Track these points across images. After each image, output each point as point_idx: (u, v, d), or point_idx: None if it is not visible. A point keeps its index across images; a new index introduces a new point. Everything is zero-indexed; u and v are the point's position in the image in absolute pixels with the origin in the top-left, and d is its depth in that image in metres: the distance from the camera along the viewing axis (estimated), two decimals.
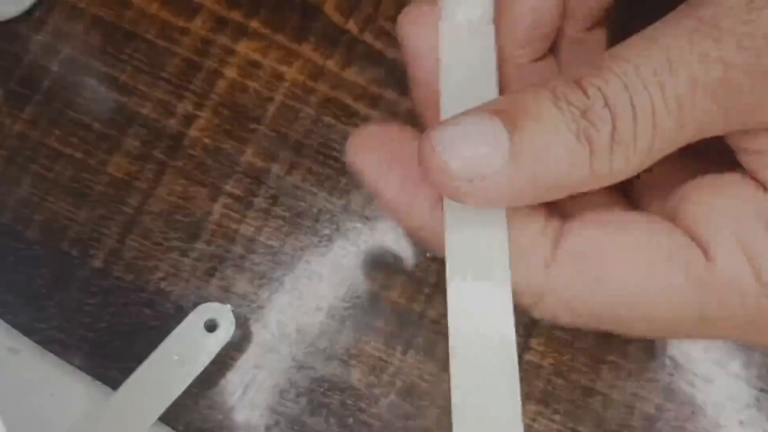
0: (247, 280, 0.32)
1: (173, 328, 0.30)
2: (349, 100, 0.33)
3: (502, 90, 0.20)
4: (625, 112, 0.16)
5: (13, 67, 0.33)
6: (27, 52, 0.34)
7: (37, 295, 0.32)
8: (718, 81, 0.16)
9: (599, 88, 0.16)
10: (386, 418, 0.31)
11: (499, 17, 0.21)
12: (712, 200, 0.18)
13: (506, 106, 0.17)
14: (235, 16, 0.34)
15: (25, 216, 0.32)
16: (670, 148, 0.17)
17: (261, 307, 0.32)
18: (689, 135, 0.17)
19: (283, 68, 0.33)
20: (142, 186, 0.32)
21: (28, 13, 0.34)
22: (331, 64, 0.33)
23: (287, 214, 0.32)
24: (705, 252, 0.18)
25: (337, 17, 0.34)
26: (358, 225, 0.32)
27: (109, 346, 0.31)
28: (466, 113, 0.17)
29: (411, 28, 0.21)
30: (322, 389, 0.31)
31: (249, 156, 0.33)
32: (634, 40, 0.17)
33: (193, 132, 0.33)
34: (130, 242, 0.32)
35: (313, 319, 0.31)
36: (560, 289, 0.18)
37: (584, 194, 0.18)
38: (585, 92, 0.17)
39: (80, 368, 0.31)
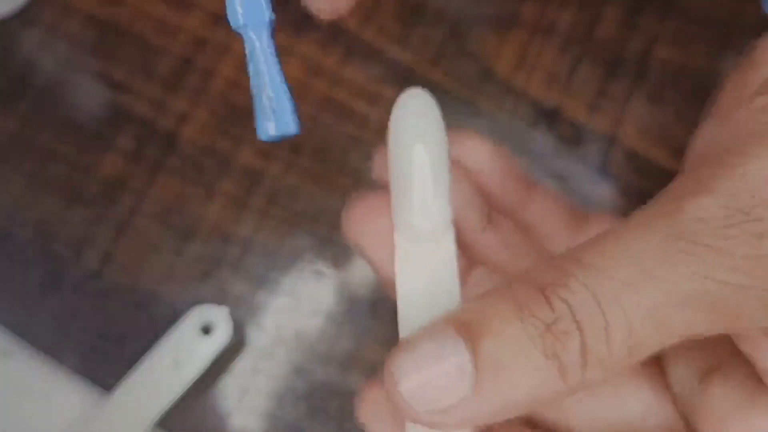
0: (244, 281, 0.32)
1: (168, 330, 0.30)
2: (347, 99, 0.33)
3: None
4: (595, 328, 0.16)
5: (5, 65, 0.33)
6: (20, 49, 0.34)
7: (30, 296, 0.31)
8: (702, 297, 0.15)
9: (566, 301, 0.16)
10: None
11: None
12: None
13: (467, 319, 0.16)
14: None
15: (17, 217, 0.32)
16: (654, 351, 0.16)
17: (258, 310, 0.31)
18: (673, 341, 0.16)
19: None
20: (136, 186, 0.32)
21: (22, 11, 0.34)
22: (329, 62, 0.33)
23: (284, 215, 0.32)
24: None
25: None
26: None
27: (103, 349, 0.31)
28: (424, 333, 0.16)
29: (361, 229, 0.20)
30: (320, 394, 0.31)
31: (245, 155, 0.33)
32: (604, 241, 0.16)
33: (188, 131, 0.33)
34: (124, 243, 0.32)
35: (311, 322, 0.31)
36: None
37: None
38: (550, 304, 0.16)
39: (74, 371, 0.31)
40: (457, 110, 0.32)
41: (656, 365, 0.21)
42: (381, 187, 0.20)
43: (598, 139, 0.32)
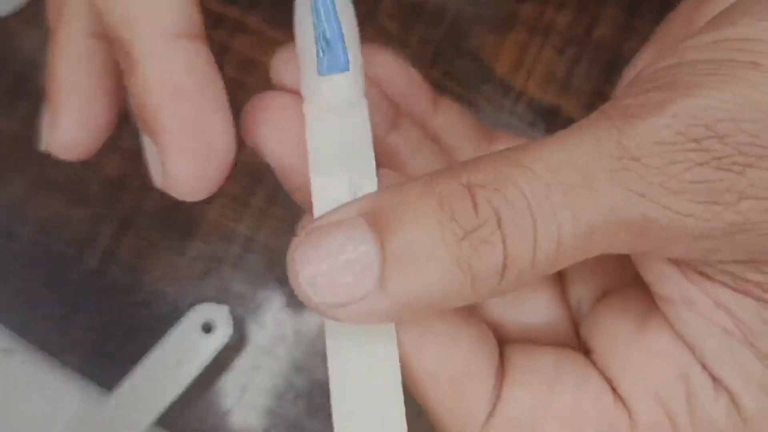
0: (245, 280, 0.32)
1: (169, 328, 0.30)
2: None
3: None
4: (523, 241, 0.15)
5: (6, 64, 0.33)
6: (20, 49, 0.33)
7: (32, 295, 0.31)
8: (640, 218, 0.15)
9: (495, 208, 0.15)
10: None
11: None
12: (634, 358, 0.18)
13: (380, 208, 0.15)
14: (232, 12, 0.34)
15: (19, 216, 0.32)
16: (569, 263, 0.16)
17: (259, 308, 0.31)
18: (594, 254, 0.16)
19: None
20: (137, 185, 0.32)
21: (21, 10, 0.34)
22: None
23: (285, 213, 0.32)
24: (628, 412, 0.18)
25: None
26: None
27: (104, 347, 0.31)
28: (333, 219, 0.15)
29: (261, 131, 0.19)
30: (320, 391, 0.31)
31: (246, 154, 0.32)
32: (544, 147, 0.15)
33: None
34: (126, 242, 0.32)
35: (311, 320, 0.31)
36: None
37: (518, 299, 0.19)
38: (475, 208, 0.15)
39: (75, 369, 0.31)
40: None
41: (557, 280, 0.21)
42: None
43: None
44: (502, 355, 0.18)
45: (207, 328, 0.30)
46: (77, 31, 0.20)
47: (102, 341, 0.31)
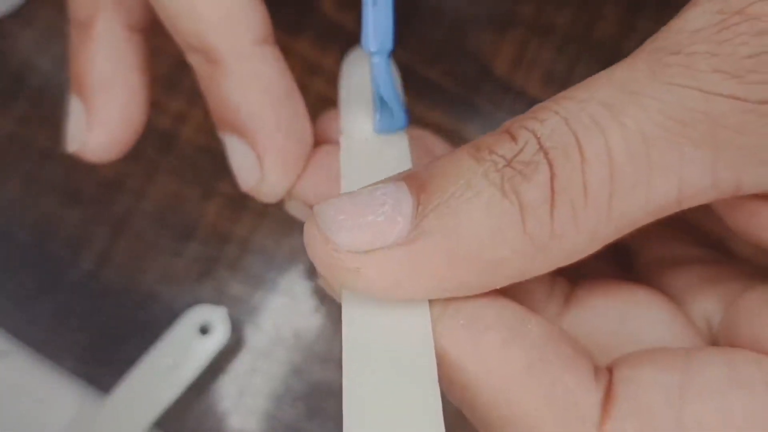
0: (242, 281, 0.31)
1: (166, 331, 0.30)
2: None
3: None
4: (567, 152, 0.13)
5: (2, 64, 0.33)
6: (16, 49, 0.33)
7: (28, 297, 0.31)
8: (700, 115, 0.12)
9: (532, 130, 0.13)
10: None
11: None
12: None
13: (415, 172, 0.14)
14: None
15: (14, 217, 0.32)
16: (640, 212, 0.13)
17: (256, 310, 0.31)
18: (664, 193, 0.13)
19: None
20: (133, 186, 0.32)
21: (18, 10, 0.34)
22: (327, 61, 0.33)
23: (282, 214, 0.32)
24: None
25: (333, 13, 0.33)
26: None
27: (100, 349, 0.31)
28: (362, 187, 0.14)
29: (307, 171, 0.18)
30: (319, 394, 0.31)
31: None
32: (579, 84, 0.14)
33: (185, 130, 0.33)
34: (122, 243, 0.32)
35: (309, 322, 0.31)
36: None
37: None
38: (513, 137, 0.13)
39: (71, 372, 0.31)
40: (456, 109, 0.32)
41: (672, 302, 0.17)
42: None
43: None
44: (608, 371, 0.14)
45: (204, 330, 0.29)
46: (116, 23, 0.19)
47: (98, 343, 0.31)
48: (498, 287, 0.14)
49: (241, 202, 0.32)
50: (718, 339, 0.16)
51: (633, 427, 0.13)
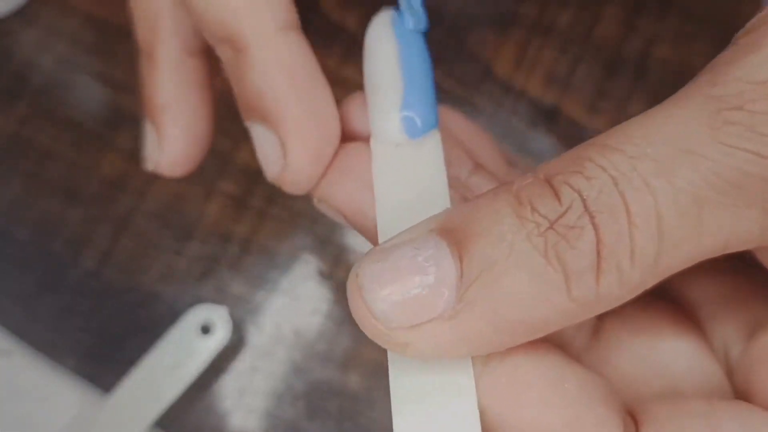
0: (243, 281, 0.31)
1: (167, 330, 0.30)
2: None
3: None
4: (615, 220, 0.12)
5: (4, 64, 0.33)
6: (18, 49, 0.33)
7: (29, 296, 0.31)
8: (757, 179, 0.12)
9: (577, 189, 0.12)
10: (384, 422, 0.31)
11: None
12: None
13: (454, 222, 0.13)
14: None
15: (16, 216, 0.32)
16: (685, 264, 0.13)
17: (257, 309, 0.31)
18: (712, 246, 0.13)
19: None
20: (135, 185, 0.32)
21: (20, 10, 0.34)
22: (328, 62, 0.33)
23: (284, 214, 0.32)
24: None
25: (335, 13, 0.34)
26: None
27: (102, 349, 0.31)
28: (401, 235, 0.13)
29: (329, 182, 0.18)
30: (319, 393, 0.31)
31: (245, 154, 0.32)
32: (626, 125, 0.13)
33: None
34: (124, 242, 0.32)
35: (310, 321, 0.31)
36: None
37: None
38: (557, 195, 0.13)
39: (73, 371, 0.31)
40: (457, 110, 0.32)
41: (695, 328, 0.18)
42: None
43: None
44: (635, 416, 0.15)
45: (205, 330, 0.30)
46: (176, 49, 0.20)
47: (99, 342, 0.31)
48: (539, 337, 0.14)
49: (243, 201, 0.32)
50: (735, 373, 0.16)
51: None
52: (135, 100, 0.33)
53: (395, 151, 0.17)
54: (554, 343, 0.15)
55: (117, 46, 0.33)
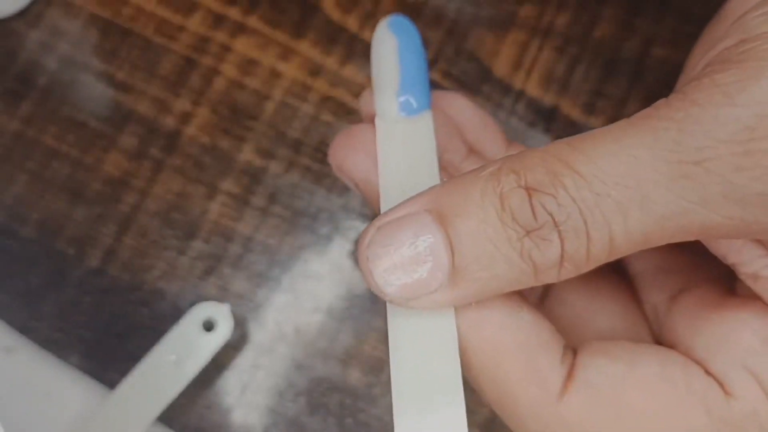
0: (245, 279, 0.32)
1: (170, 327, 0.30)
2: (347, 98, 0.33)
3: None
4: (578, 237, 0.15)
5: (8, 64, 0.33)
6: (23, 49, 0.33)
7: (33, 294, 0.31)
8: (698, 225, 0.15)
9: (551, 213, 0.15)
10: (385, 418, 0.31)
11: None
12: (722, 332, 0.18)
13: (443, 205, 0.16)
14: (233, 13, 0.34)
15: (20, 214, 0.32)
16: (636, 249, 0.16)
17: (259, 307, 0.31)
18: (651, 246, 0.16)
19: (282, 66, 0.33)
20: (138, 184, 0.32)
21: (24, 10, 0.34)
22: (329, 62, 0.33)
23: (285, 213, 0.32)
24: (721, 386, 0.17)
25: (336, 14, 0.34)
26: (357, 224, 0.32)
27: (105, 346, 0.31)
28: (399, 214, 0.17)
29: (345, 154, 0.21)
30: (320, 389, 0.31)
31: (247, 154, 0.32)
32: (601, 143, 0.16)
33: (190, 130, 0.33)
34: (127, 241, 0.32)
35: (311, 318, 0.31)
36: (572, 422, 0.17)
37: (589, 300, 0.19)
38: (533, 212, 0.16)
39: (77, 368, 0.31)
40: None
41: (630, 294, 0.21)
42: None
43: None
44: (573, 348, 0.19)
45: (208, 327, 0.30)
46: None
47: (103, 340, 0.31)
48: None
49: (245, 200, 0.32)
50: (662, 330, 0.20)
51: (584, 400, 0.17)
52: (138, 100, 0.33)
53: (395, 126, 0.20)
54: None
55: (121, 46, 0.33)
